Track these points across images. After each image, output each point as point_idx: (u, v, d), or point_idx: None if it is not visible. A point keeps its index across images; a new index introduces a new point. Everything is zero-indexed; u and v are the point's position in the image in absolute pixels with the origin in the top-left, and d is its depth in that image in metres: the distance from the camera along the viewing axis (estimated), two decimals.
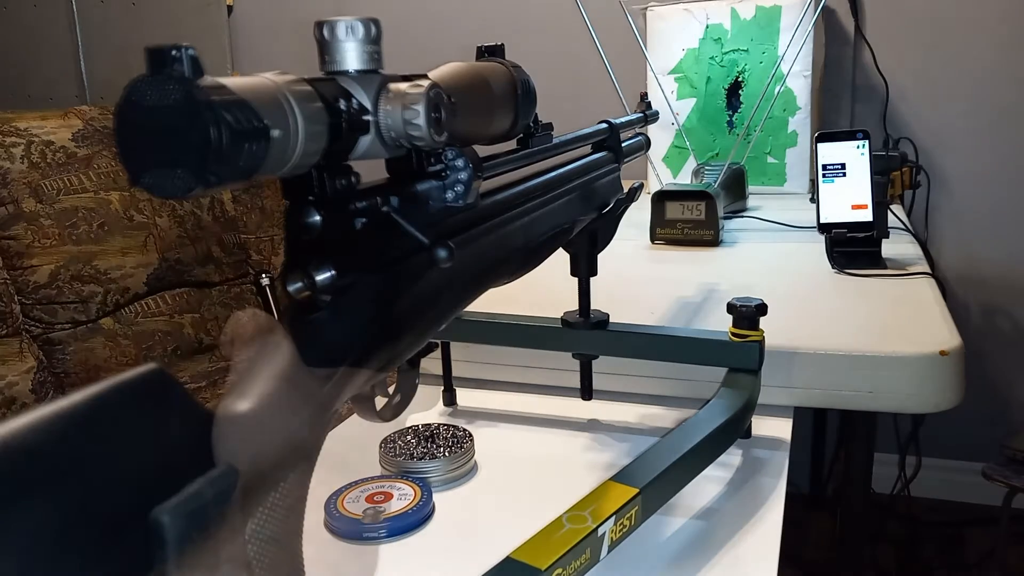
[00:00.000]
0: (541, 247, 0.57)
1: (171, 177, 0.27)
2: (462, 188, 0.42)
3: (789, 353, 0.76)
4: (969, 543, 1.91)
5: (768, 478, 0.66)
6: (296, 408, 0.32)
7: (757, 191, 1.67)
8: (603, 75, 1.40)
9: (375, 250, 0.37)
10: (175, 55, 0.26)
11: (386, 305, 0.38)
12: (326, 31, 0.35)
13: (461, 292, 0.45)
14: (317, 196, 0.34)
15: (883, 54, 1.92)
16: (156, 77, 0.26)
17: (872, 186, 1.09)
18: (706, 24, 1.74)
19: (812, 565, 1.80)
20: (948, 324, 0.82)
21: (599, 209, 0.68)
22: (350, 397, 0.38)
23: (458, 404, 0.82)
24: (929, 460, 1.95)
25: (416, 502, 0.62)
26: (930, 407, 0.75)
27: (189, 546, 0.26)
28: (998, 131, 1.89)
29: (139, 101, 0.26)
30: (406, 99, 0.36)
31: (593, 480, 0.60)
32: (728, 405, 0.66)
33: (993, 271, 1.94)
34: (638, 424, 0.77)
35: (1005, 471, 1.64)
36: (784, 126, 1.70)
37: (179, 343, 1.91)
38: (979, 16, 1.86)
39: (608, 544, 0.51)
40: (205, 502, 0.26)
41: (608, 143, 0.72)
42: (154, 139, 0.26)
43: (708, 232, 1.25)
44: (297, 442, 0.32)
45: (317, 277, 0.34)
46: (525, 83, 0.50)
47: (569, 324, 0.74)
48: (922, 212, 1.93)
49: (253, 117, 0.28)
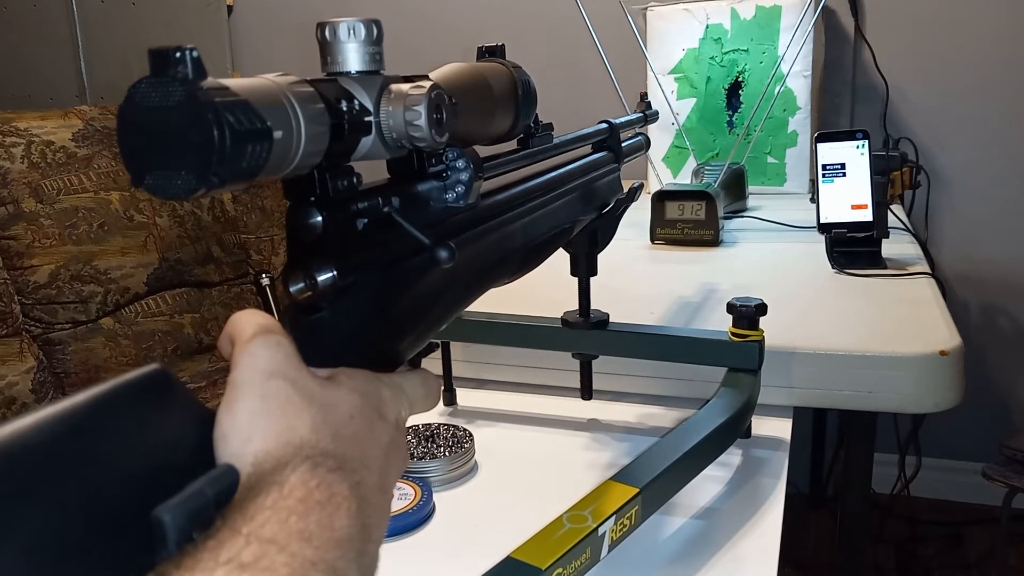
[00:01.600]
0: (541, 247, 0.57)
1: (174, 178, 0.27)
2: (463, 188, 0.42)
3: (789, 353, 0.76)
4: (969, 543, 1.91)
5: (768, 478, 0.66)
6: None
7: (757, 191, 1.67)
8: (603, 75, 1.40)
9: (376, 250, 0.37)
10: (178, 57, 0.26)
11: (387, 305, 0.38)
12: (328, 32, 0.36)
13: (462, 292, 0.45)
14: (319, 197, 0.34)
15: (883, 54, 1.92)
16: (159, 79, 0.26)
17: (872, 186, 1.09)
18: (706, 24, 1.74)
19: (812, 565, 1.81)
20: (948, 324, 0.82)
21: (599, 209, 0.68)
22: None
23: (458, 404, 0.82)
24: (929, 460, 1.95)
25: (416, 502, 0.62)
26: (930, 407, 0.75)
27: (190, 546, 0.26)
28: (998, 131, 1.89)
29: (142, 102, 0.27)
30: (408, 100, 0.36)
31: (593, 480, 0.60)
32: (728, 405, 0.66)
33: (993, 271, 1.94)
34: (638, 424, 0.77)
35: (1005, 471, 1.64)
36: (784, 126, 1.70)
37: (179, 343, 1.91)
38: (979, 16, 1.86)
39: (608, 544, 0.51)
40: (206, 502, 0.26)
41: (608, 143, 0.72)
42: (157, 140, 0.27)
43: (708, 232, 1.25)
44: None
45: (319, 277, 0.34)
46: (525, 83, 0.50)
47: (569, 324, 0.74)
48: (922, 212, 1.93)
49: (255, 118, 0.28)
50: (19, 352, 1.69)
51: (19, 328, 1.72)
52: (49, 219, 1.76)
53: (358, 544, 0.28)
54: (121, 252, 1.84)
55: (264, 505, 0.26)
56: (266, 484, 0.27)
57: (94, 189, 1.83)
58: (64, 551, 0.23)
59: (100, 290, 1.80)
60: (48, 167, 1.78)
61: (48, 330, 1.75)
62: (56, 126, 1.84)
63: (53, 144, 1.81)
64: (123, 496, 0.25)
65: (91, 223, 1.81)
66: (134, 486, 0.26)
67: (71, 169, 1.82)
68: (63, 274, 1.76)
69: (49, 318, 1.75)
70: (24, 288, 1.73)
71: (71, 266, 1.77)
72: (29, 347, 1.71)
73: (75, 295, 1.77)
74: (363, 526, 0.29)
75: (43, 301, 1.74)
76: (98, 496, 0.25)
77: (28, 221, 1.73)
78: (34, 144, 1.78)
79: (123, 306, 1.84)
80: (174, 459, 0.28)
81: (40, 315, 1.74)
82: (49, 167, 1.78)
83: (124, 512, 0.25)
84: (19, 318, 1.72)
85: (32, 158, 1.77)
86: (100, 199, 1.84)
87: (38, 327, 1.74)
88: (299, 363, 0.32)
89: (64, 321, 1.76)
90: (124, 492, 0.25)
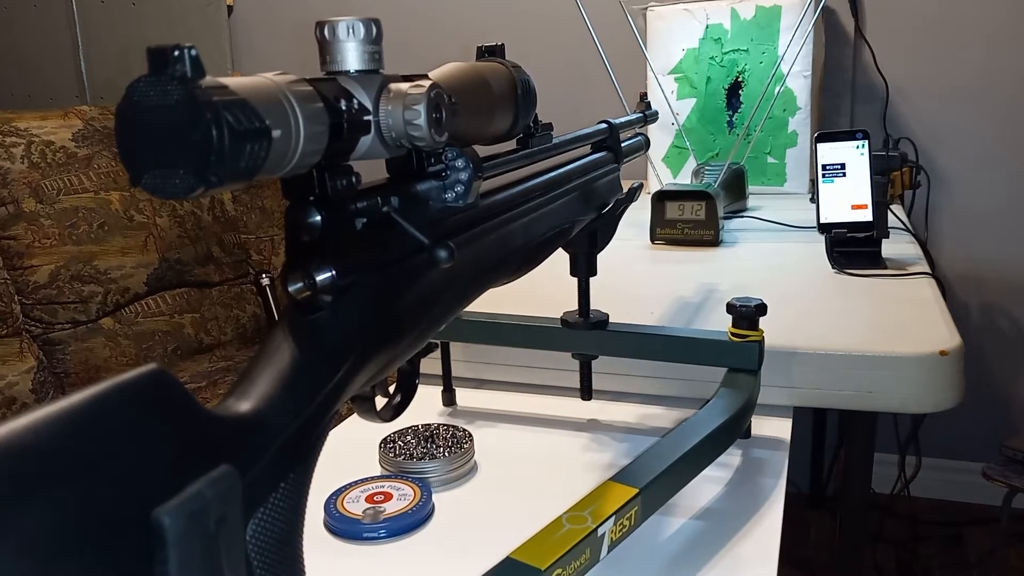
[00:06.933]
0: (541, 247, 0.57)
1: (172, 178, 0.27)
2: (462, 188, 0.42)
3: (789, 353, 0.76)
4: (969, 543, 1.91)
5: (768, 478, 0.66)
6: (296, 408, 0.32)
7: (757, 191, 1.67)
8: (603, 75, 1.40)
9: (376, 250, 0.37)
10: (176, 55, 0.26)
11: (386, 305, 0.38)
12: (327, 31, 0.35)
13: (461, 292, 0.45)
14: (318, 196, 0.34)
15: (883, 54, 1.92)
16: (157, 77, 0.26)
17: (872, 186, 1.09)
18: (706, 24, 1.74)
19: (812, 565, 1.81)
20: (948, 324, 0.82)
21: (599, 209, 0.68)
22: (350, 397, 0.38)
23: (458, 404, 0.82)
24: (929, 460, 1.95)
25: (416, 502, 0.62)
26: (930, 407, 0.75)
27: (189, 547, 0.26)
28: (998, 131, 1.89)
29: (140, 101, 0.26)
30: (407, 99, 0.36)
31: (593, 480, 0.60)
32: (728, 405, 0.66)
33: (993, 271, 1.94)
34: (638, 424, 0.77)
35: (1005, 471, 1.64)
36: (784, 126, 1.70)
37: (179, 343, 1.91)
38: (979, 16, 1.86)
39: (608, 544, 0.51)
40: (206, 503, 0.26)
41: (608, 143, 0.72)
42: (155, 139, 0.26)
43: (708, 232, 1.25)
44: (297, 442, 0.32)
45: (318, 277, 0.34)
46: (525, 83, 0.50)
47: (569, 324, 0.74)
48: (922, 212, 1.93)
49: (254, 117, 0.28)
50: (19, 352, 1.69)
51: (19, 328, 1.72)
52: (49, 219, 1.76)
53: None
54: (121, 252, 1.84)
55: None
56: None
57: (94, 189, 1.83)
58: (62, 552, 0.23)
59: (100, 290, 1.80)
60: (48, 167, 1.78)
61: (48, 330, 1.75)
62: (56, 126, 1.84)
63: (53, 144, 1.81)
64: (121, 497, 0.25)
65: (91, 223, 1.81)
66: (132, 487, 0.26)
67: (71, 169, 1.82)
68: (63, 274, 1.76)
69: (49, 318, 1.75)
70: (24, 288, 1.73)
71: (71, 266, 1.77)
72: (29, 347, 1.71)
73: (75, 295, 1.77)
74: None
75: (43, 301, 1.74)
76: (96, 497, 0.25)
77: (28, 221, 1.73)
78: (34, 144, 1.78)
79: (123, 306, 1.84)
80: (173, 459, 0.27)
81: (40, 315, 1.74)
82: (49, 167, 1.78)
83: (123, 513, 0.25)
84: (19, 318, 1.72)
85: (32, 158, 1.77)
86: (100, 199, 1.84)
87: (38, 327, 1.74)
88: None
89: (64, 321, 1.76)
90: (122, 493, 0.25)
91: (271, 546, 0.31)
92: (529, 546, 0.48)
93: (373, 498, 0.63)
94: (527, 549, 0.48)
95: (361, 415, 0.44)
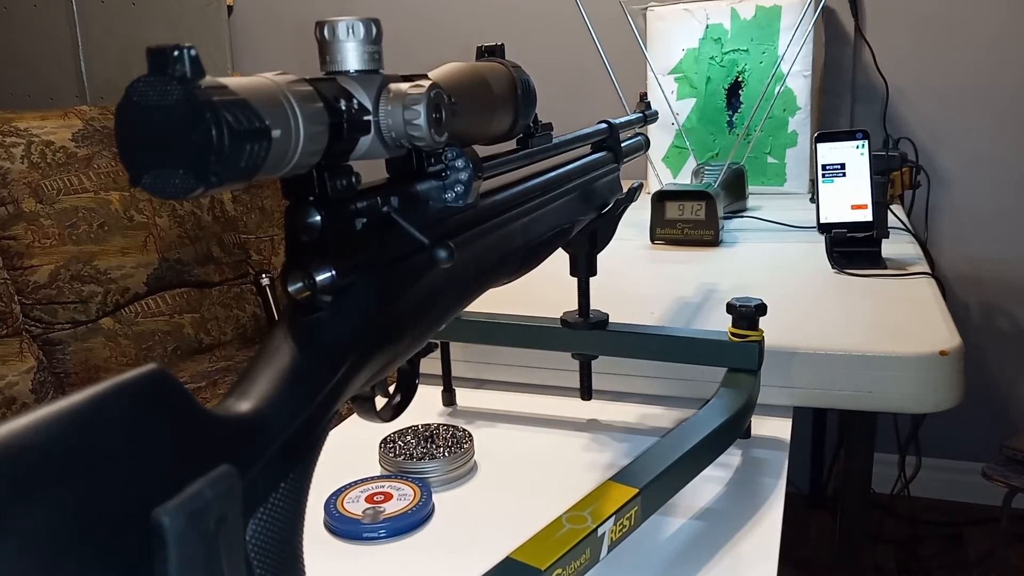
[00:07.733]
0: (541, 247, 0.57)
1: (172, 178, 0.27)
2: (462, 188, 0.42)
3: (789, 353, 0.76)
4: (969, 543, 1.91)
5: (768, 478, 0.66)
6: (296, 408, 0.32)
7: (757, 191, 1.67)
8: (603, 75, 1.40)
9: (375, 250, 0.37)
10: (176, 55, 0.26)
11: (386, 305, 0.38)
12: (327, 31, 0.35)
13: (461, 292, 0.45)
14: (317, 196, 0.34)
15: (883, 54, 1.92)
16: (157, 77, 0.26)
17: (872, 186, 1.09)
18: (706, 24, 1.74)
19: (812, 565, 1.80)
20: (948, 324, 0.82)
21: (599, 209, 0.68)
22: (350, 397, 0.38)
23: (458, 404, 0.82)
24: (929, 460, 1.95)
25: (416, 502, 0.62)
26: (930, 407, 0.75)
27: (189, 547, 0.26)
28: (998, 131, 1.89)
29: (140, 101, 0.26)
30: (407, 99, 0.36)
31: (593, 480, 0.60)
32: (728, 405, 0.66)
33: (993, 271, 1.94)
34: (638, 424, 0.77)
35: (1005, 471, 1.64)
36: (784, 126, 1.70)
37: (179, 343, 1.91)
38: (979, 16, 1.86)
39: (608, 544, 0.51)
40: (205, 502, 0.26)
41: (608, 143, 0.72)
42: (155, 139, 0.26)
43: (708, 232, 1.25)
44: (297, 442, 0.32)
45: (317, 277, 0.34)
46: (525, 83, 0.50)
47: (569, 324, 0.74)
48: (922, 212, 1.93)
49: (254, 117, 0.28)
50: (19, 352, 1.69)
51: (19, 328, 1.72)
52: (49, 219, 1.76)
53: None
54: (121, 252, 1.84)
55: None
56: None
57: (94, 189, 1.83)
58: (61, 552, 0.23)
59: (100, 290, 1.80)
60: (48, 167, 1.78)
61: (48, 330, 1.75)
62: (56, 126, 1.84)
63: (53, 144, 1.81)
64: (122, 497, 0.25)
65: (91, 223, 1.81)
66: (132, 487, 0.26)
67: (71, 169, 1.82)
68: (63, 274, 1.76)
69: (49, 318, 1.75)
70: (24, 288, 1.73)
71: (71, 266, 1.77)
72: (29, 347, 1.71)
73: (75, 295, 1.77)
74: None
75: (43, 301, 1.74)
76: (96, 497, 0.25)
77: (28, 221, 1.73)
78: (34, 144, 1.78)
79: (123, 306, 1.84)
80: (173, 459, 0.27)
81: (40, 315, 1.74)
82: (49, 167, 1.78)
83: (122, 513, 0.25)
84: (19, 318, 1.72)
85: (32, 158, 1.77)
86: (100, 199, 1.84)
87: (38, 327, 1.74)
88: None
89: (64, 321, 1.76)
90: (122, 493, 0.25)
91: (271, 546, 0.31)
92: (529, 546, 0.48)
93: (373, 498, 0.63)
94: (527, 549, 0.48)
95: (361, 415, 0.44)
